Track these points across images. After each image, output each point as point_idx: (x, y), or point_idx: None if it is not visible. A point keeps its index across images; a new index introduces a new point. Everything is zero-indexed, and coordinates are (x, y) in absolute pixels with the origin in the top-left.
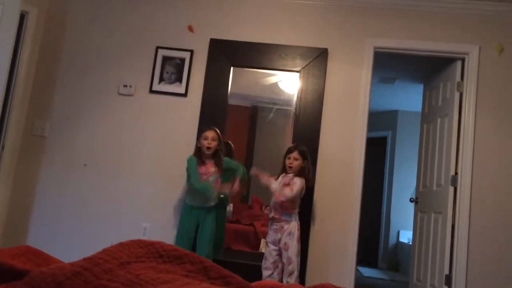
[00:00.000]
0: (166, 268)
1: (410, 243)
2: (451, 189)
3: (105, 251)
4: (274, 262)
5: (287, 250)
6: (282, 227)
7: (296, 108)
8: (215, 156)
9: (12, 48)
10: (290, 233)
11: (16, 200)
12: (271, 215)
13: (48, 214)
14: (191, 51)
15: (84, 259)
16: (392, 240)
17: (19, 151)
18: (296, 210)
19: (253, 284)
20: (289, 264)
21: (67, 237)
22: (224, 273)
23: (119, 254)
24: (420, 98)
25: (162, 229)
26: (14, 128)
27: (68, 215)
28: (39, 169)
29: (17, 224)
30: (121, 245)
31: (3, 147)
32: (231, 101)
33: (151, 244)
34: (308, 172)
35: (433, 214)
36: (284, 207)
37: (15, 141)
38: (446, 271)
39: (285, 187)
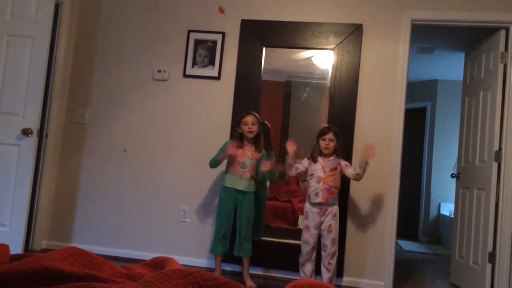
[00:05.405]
0: None
1: (452, 216)
2: (495, 165)
3: (146, 283)
4: (314, 246)
5: (331, 232)
6: (326, 209)
7: (330, 86)
8: (256, 139)
9: (49, 39)
10: (334, 215)
11: (62, 187)
12: (318, 200)
13: (92, 199)
14: (223, 33)
15: None
16: (432, 213)
17: (62, 139)
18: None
19: (292, 283)
20: (333, 245)
21: (111, 222)
22: None
23: (160, 287)
24: (461, 66)
25: (200, 211)
26: (56, 117)
27: (111, 199)
28: (81, 155)
29: (63, 210)
30: (162, 275)
31: (46, 136)
32: (264, 77)
33: (190, 273)
34: (341, 151)
35: (475, 190)
36: (331, 192)
37: (58, 129)
38: (490, 249)
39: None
